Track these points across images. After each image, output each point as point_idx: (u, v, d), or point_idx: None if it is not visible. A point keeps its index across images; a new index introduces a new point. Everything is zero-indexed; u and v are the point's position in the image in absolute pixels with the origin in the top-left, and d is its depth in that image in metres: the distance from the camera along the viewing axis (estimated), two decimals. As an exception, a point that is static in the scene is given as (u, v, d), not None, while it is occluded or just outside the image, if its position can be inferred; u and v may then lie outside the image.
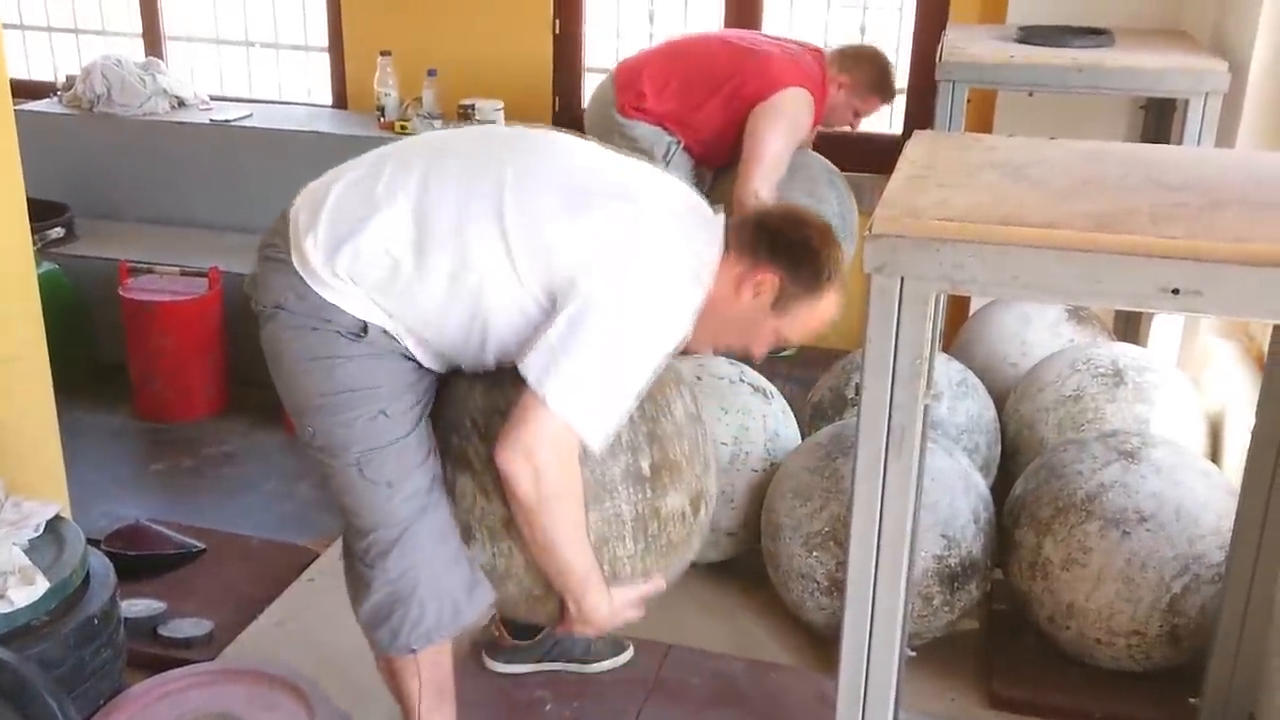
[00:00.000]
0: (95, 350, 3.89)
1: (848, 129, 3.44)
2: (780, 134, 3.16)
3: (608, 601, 1.85)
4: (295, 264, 1.78)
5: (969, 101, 3.24)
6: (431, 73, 4.04)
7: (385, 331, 1.78)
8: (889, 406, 1.43)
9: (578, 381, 1.65)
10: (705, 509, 1.95)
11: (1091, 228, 1.35)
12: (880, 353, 1.41)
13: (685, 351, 1.87)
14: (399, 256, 1.73)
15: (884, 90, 3.32)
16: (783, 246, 1.79)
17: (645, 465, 1.82)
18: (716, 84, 3.24)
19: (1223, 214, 1.42)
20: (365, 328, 1.77)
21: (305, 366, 1.80)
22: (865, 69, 3.28)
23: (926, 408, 1.79)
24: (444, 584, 1.83)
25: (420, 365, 1.85)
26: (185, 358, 3.61)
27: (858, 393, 1.59)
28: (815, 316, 1.84)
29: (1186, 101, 2.91)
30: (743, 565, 2.78)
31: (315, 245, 1.77)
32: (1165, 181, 1.56)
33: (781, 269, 1.78)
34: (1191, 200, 1.47)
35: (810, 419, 2.96)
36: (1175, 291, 1.30)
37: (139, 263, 3.74)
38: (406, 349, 1.81)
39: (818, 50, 3.34)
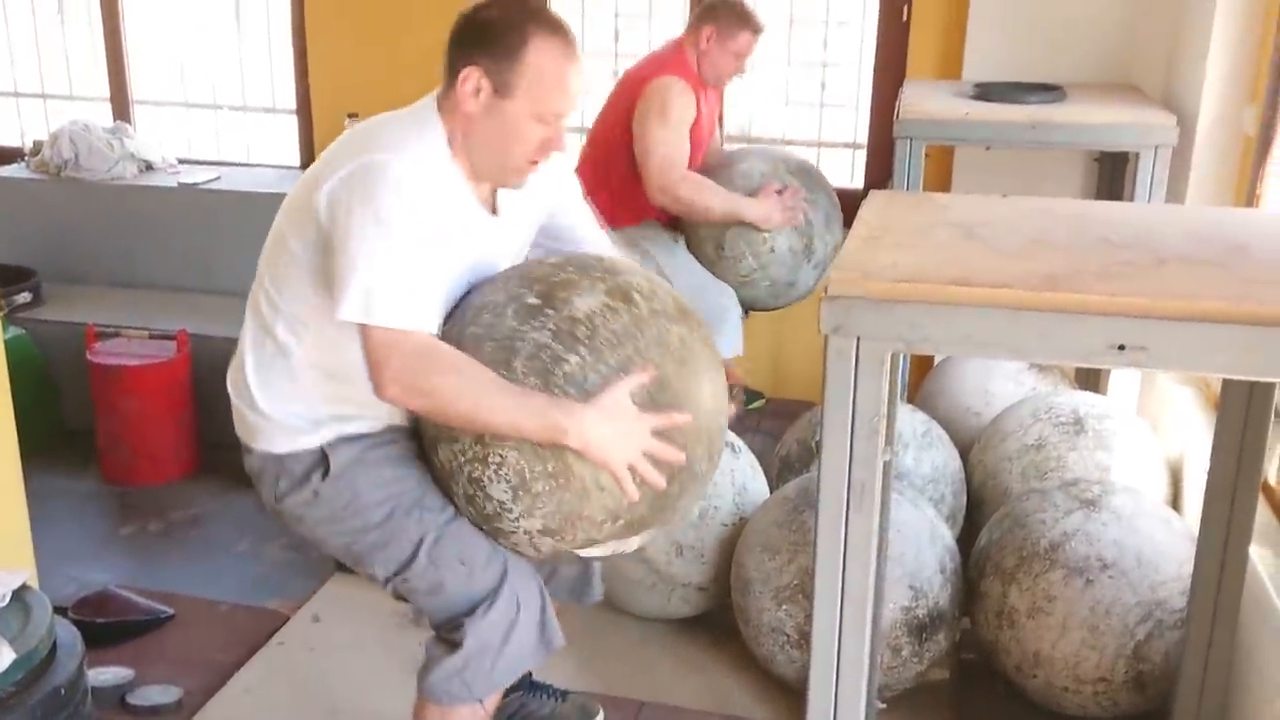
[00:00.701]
0: (63, 415, 3.88)
1: (740, 77, 3.40)
2: (651, 126, 3.15)
3: (594, 415, 1.70)
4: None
5: (928, 156, 3.32)
6: (399, 134, 4.08)
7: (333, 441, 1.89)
8: (849, 463, 1.45)
9: (363, 284, 1.69)
10: (639, 296, 1.81)
11: (1040, 286, 1.39)
12: (839, 411, 1.44)
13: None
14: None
15: (745, 20, 3.27)
16: (466, 42, 1.80)
17: (530, 299, 1.79)
18: (603, 138, 3.31)
19: (1166, 271, 1.47)
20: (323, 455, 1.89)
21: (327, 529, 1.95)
22: (720, 13, 3.27)
23: (887, 463, 1.83)
24: (526, 634, 1.89)
25: (388, 441, 1.91)
26: (153, 421, 3.60)
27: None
28: (545, 75, 1.78)
29: (1138, 154, 2.99)
30: (714, 620, 2.80)
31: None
32: (1111, 239, 1.60)
33: (475, 58, 1.78)
34: (1136, 257, 1.52)
35: (778, 472, 2.99)
36: (1121, 348, 1.34)
37: (106, 326, 3.74)
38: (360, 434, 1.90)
39: (674, 40, 3.36)
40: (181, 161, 4.54)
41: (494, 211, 1.92)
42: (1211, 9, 2.98)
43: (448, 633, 1.90)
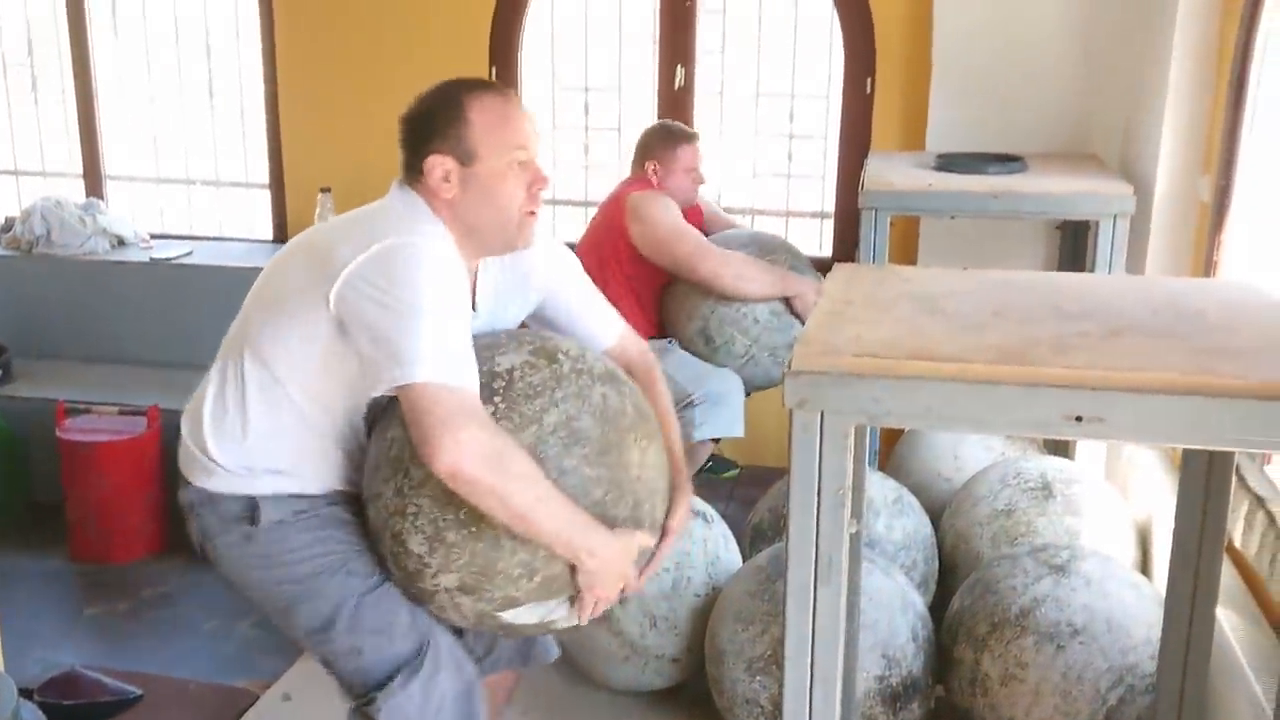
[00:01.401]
0: (31, 491, 3.85)
1: (702, 188, 3.53)
2: (657, 227, 3.27)
3: (619, 552, 1.79)
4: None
5: (893, 226, 3.38)
6: (371, 207, 4.12)
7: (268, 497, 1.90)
8: (815, 536, 1.47)
9: (417, 350, 1.67)
10: (564, 355, 1.86)
11: (998, 359, 1.42)
12: (805, 484, 1.46)
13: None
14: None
15: (675, 138, 3.43)
16: (417, 140, 1.85)
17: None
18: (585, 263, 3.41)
19: (1121, 341, 1.50)
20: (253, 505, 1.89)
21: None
22: (652, 144, 3.43)
23: (855, 534, 1.84)
24: (446, 712, 1.89)
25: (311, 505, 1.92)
26: (123, 497, 3.58)
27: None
28: (495, 124, 1.84)
29: (1097, 223, 3.06)
30: (688, 692, 2.78)
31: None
32: (1068, 310, 1.64)
33: (430, 147, 1.83)
34: (1093, 328, 1.55)
35: (751, 541, 3.00)
36: (1079, 419, 1.36)
37: (77, 403, 3.73)
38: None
39: (630, 177, 3.49)
40: (154, 236, 4.56)
41: (473, 307, 1.94)
42: (1165, 81, 3.06)
43: (364, 705, 1.88)
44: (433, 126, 1.84)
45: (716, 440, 3.44)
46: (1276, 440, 1.36)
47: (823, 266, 2.57)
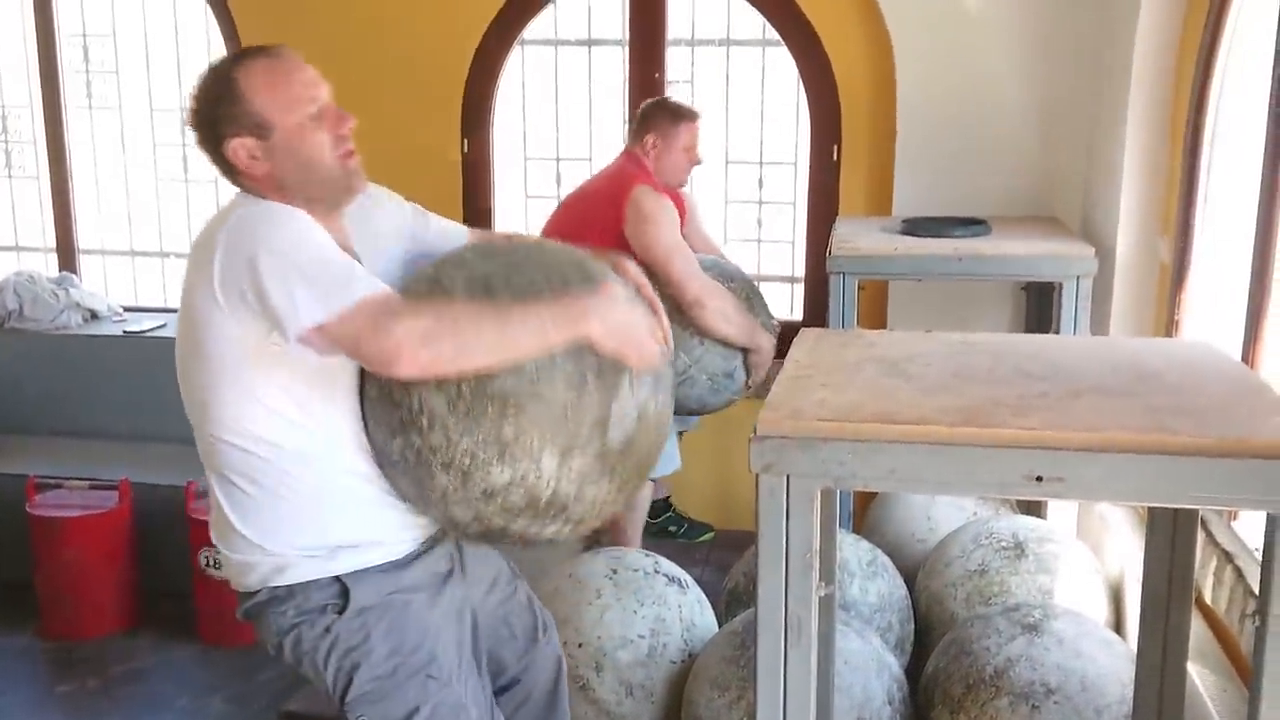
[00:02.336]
0: (1, 568, 3.80)
1: (698, 166, 3.53)
2: (658, 235, 3.23)
3: (606, 301, 1.73)
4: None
5: (863, 289, 3.42)
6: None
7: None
8: (784, 600, 1.48)
9: (302, 295, 1.64)
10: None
11: (959, 421, 1.44)
12: (773, 548, 1.47)
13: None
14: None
15: (680, 115, 3.43)
16: (206, 133, 1.83)
17: None
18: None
19: (1080, 402, 1.53)
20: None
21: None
22: (655, 117, 3.42)
23: (825, 597, 1.86)
24: None
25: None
26: (94, 573, 3.54)
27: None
28: (270, 84, 1.80)
29: (1061, 284, 3.11)
30: (666, 759, 2.76)
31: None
32: (1028, 371, 1.67)
33: (221, 135, 1.81)
34: (1052, 389, 1.58)
35: (727, 606, 2.99)
36: (1039, 479, 1.39)
37: (47, 477, 3.70)
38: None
39: (624, 151, 3.50)
40: (127, 309, 4.56)
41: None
42: (1121, 145, 3.14)
43: None
44: (216, 114, 1.81)
45: (654, 480, 3.46)
46: (1233, 496, 1.39)
47: (793, 330, 2.60)
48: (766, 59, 4.19)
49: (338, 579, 1.85)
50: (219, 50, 4.46)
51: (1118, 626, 2.88)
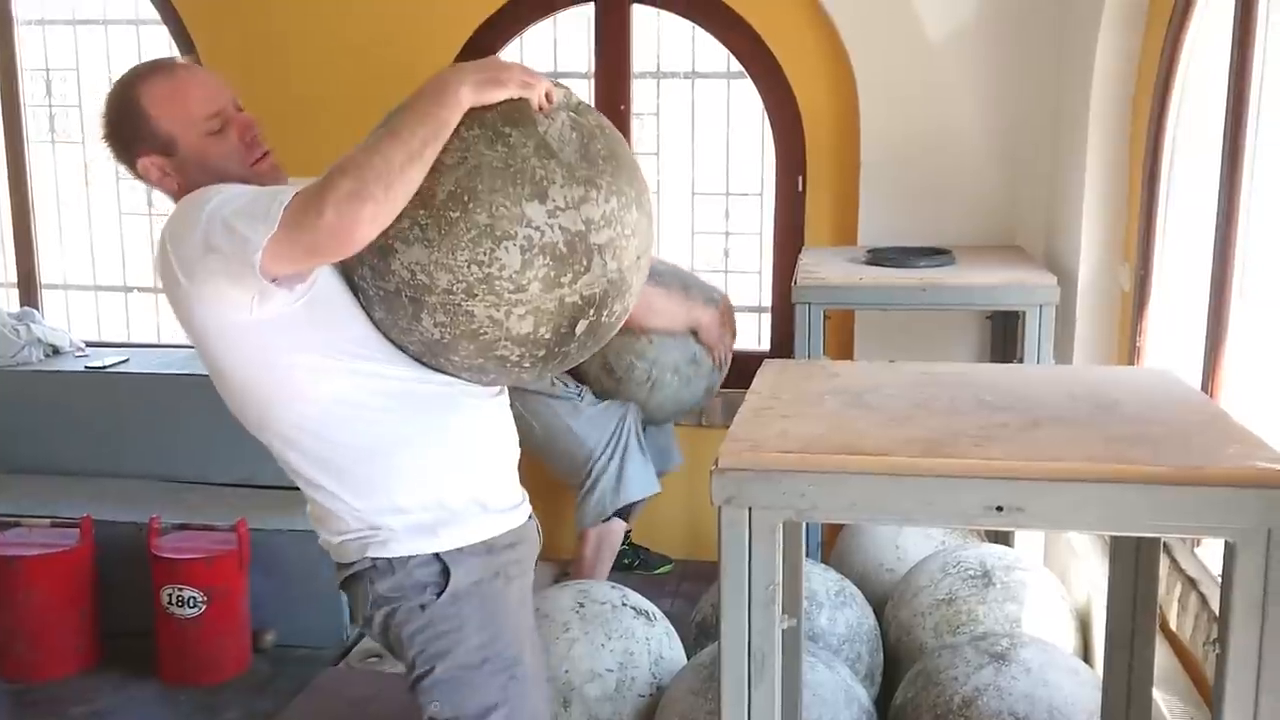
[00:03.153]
0: (-42, 609, 3.74)
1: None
2: None
3: (466, 65, 1.67)
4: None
5: (829, 319, 3.44)
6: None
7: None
8: (748, 633, 1.47)
9: (247, 219, 1.60)
10: None
11: (920, 452, 1.45)
12: (735, 581, 1.47)
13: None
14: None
15: None
16: (120, 153, 1.84)
17: None
18: None
19: (1039, 432, 1.53)
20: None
21: None
22: None
23: (790, 630, 1.85)
24: None
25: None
26: (54, 613, 3.48)
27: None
28: (171, 101, 1.80)
29: (1025, 312, 3.13)
30: (635, 795, 2.73)
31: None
32: (989, 401, 1.68)
33: (132, 154, 1.81)
34: (1012, 419, 1.59)
35: (695, 638, 2.98)
36: (999, 509, 1.39)
37: (7, 515, 3.65)
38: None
39: None
40: (90, 344, 4.51)
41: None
42: (1082, 175, 3.17)
43: None
44: (123, 135, 1.82)
45: (626, 517, 3.44)
46: (1191, 525, 1.39)
47: (760, 360, 2.60)
48: (732, 91, 4.22)
49: (438, 557, 1.83)
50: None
51: (1085, 654, 2.88)
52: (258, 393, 1.80)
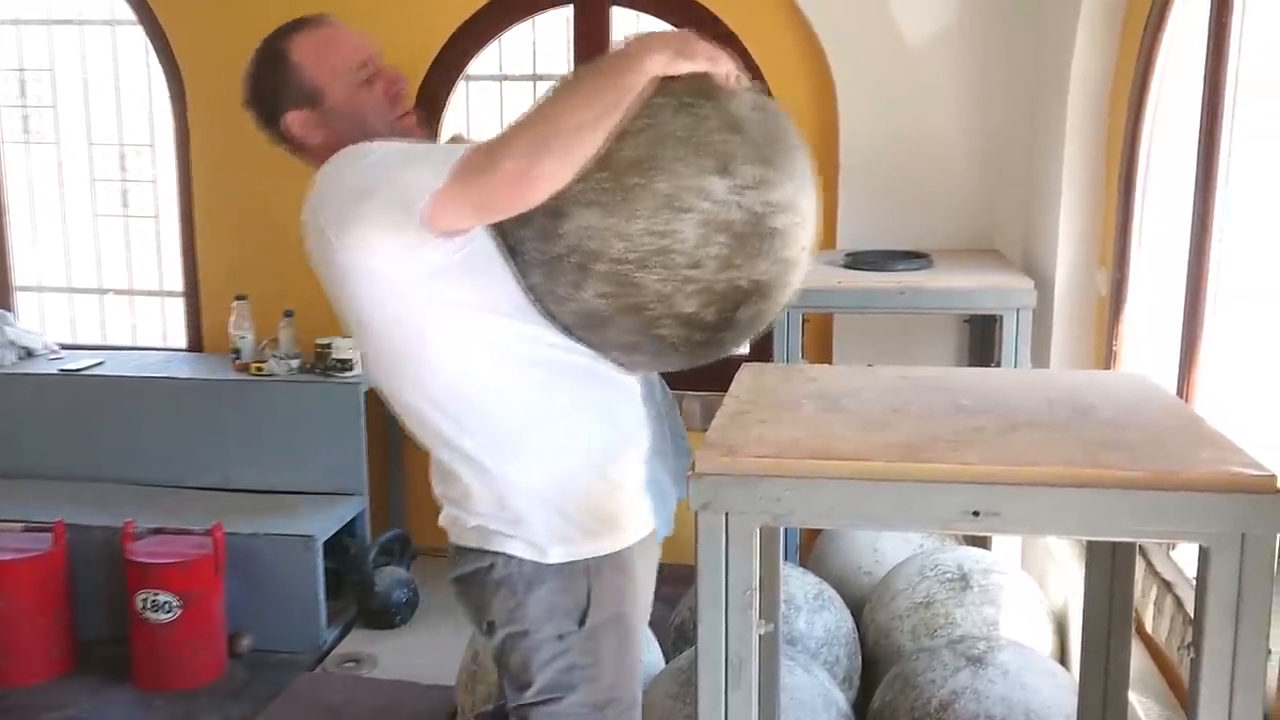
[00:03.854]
0: (-71, 615, 3.70)
1: None
2: None
3: (654, 33, 1.64)
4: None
5: (808, 322, 3.44)
6: (288, 313, 4.10)
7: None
8: (725, 638, 1.47)
9: (414, 169, 1.59)
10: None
11: (898, 457, 1.44)
12: (712, 586, 1.46)
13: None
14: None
15: None
16: (267, 112, 1.84)
17: None
18: None
19: (1016, 436, 1.53)
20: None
21: None
22: None
23: (767, 635, 1.84)
24: None
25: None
26: (26, 618, 3.45)
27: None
28: (319, 53, 1.80)
29: (1002, 316, 3.14)
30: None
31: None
32: (966, 406, 1.68)
33: (280, 110, 1.81)
34: (989, 424, 1.59)
35: (674, 641, 2.97)
36: (976, 514, 1.39)
37: (-21, 520, 3.62)
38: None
39: None
40: (65, 347, 4.48)
41: None
42: (1059, 179, 3.19)
43: None
44: (270, 89, 1.81)
45: None
46: (1166, 529, 1.40)
47: (738, 363, 2.60)
48: (711, 94, 4.21)
49: (576, 571, 1.76)
50: (159, 86, 4.42)
51: (1062, 657, 2.89)
52: (407, 349, 1.73)
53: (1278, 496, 1.34)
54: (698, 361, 1.80)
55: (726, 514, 1.44)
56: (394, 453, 4.34)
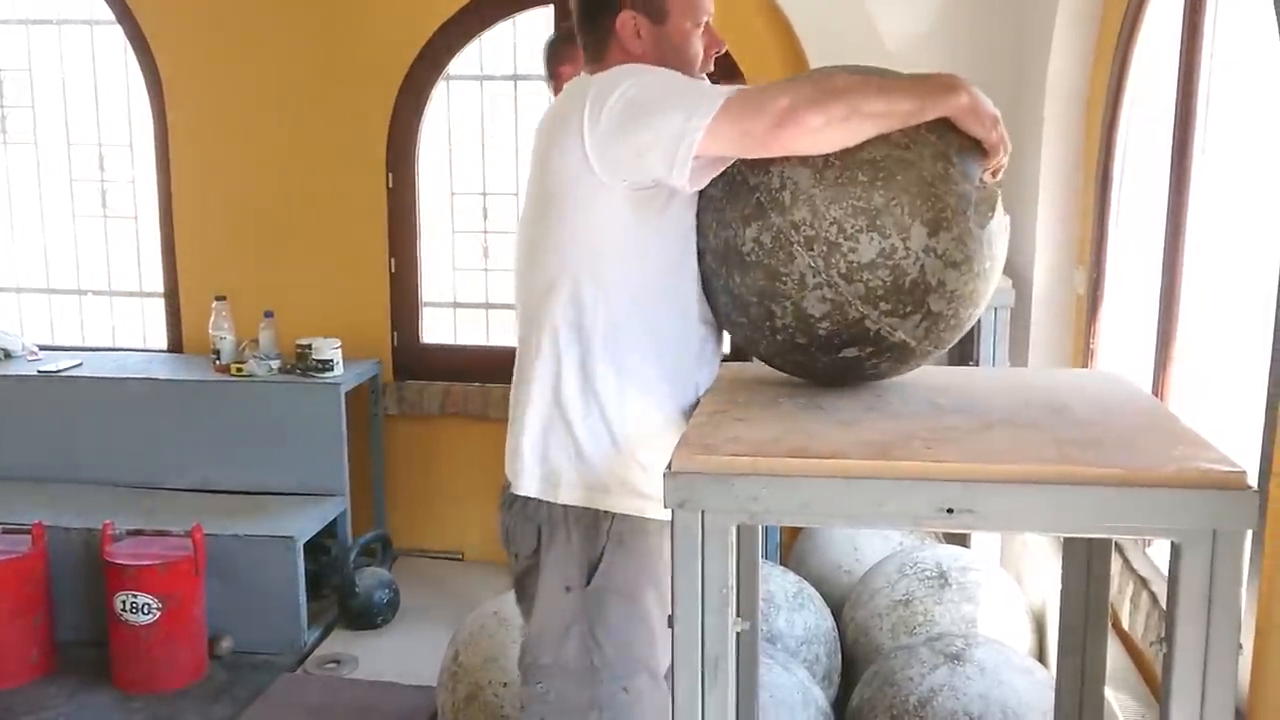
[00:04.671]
0: (-94, 618, 3.68)
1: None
2: None
3: (945, 77, 1.66)
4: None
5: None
6: (268, 314, 4.09)
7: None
8: (701, 636, 1.47)
9: (683, 102, 1.64)
10: None
11: (872, 455, 1.45)
12: (689, 584, 1.46)
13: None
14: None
15: None
16: (600, 6, 1.86)
17: None
18: None
19: (991, 434, 1.54)
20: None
21: None
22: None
23: (744, 633, 1.85)
24: None
25: None
26: (4, 621, 3.43)
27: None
28: None
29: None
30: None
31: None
32: (942, 404, 1.69)
33: (624, 5, 1.84)
34: (964, 422, 1.60)
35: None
36: (950, 511, 1.40)
37: (-43, 522, 3.59)
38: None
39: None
40: (43, 348, 4.46)
41: None
42: (1036, 180, 3.20)
43: None
44: None
45: None
46: (1139, 526, 1.41)
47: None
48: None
49: (605, 537, 1.82)
50: (137, 86, 4.40)
51: (1040, 654, 2.91)
52: (599, 244, 1.77)
53: (1248, 492, 1.35)
54: (761, 357, 1.83)
55: (703, 512, 1.45)
56: (375, 453, 4.34)
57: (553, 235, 1.80)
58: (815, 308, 1.65)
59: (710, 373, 1.89)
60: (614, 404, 1.80)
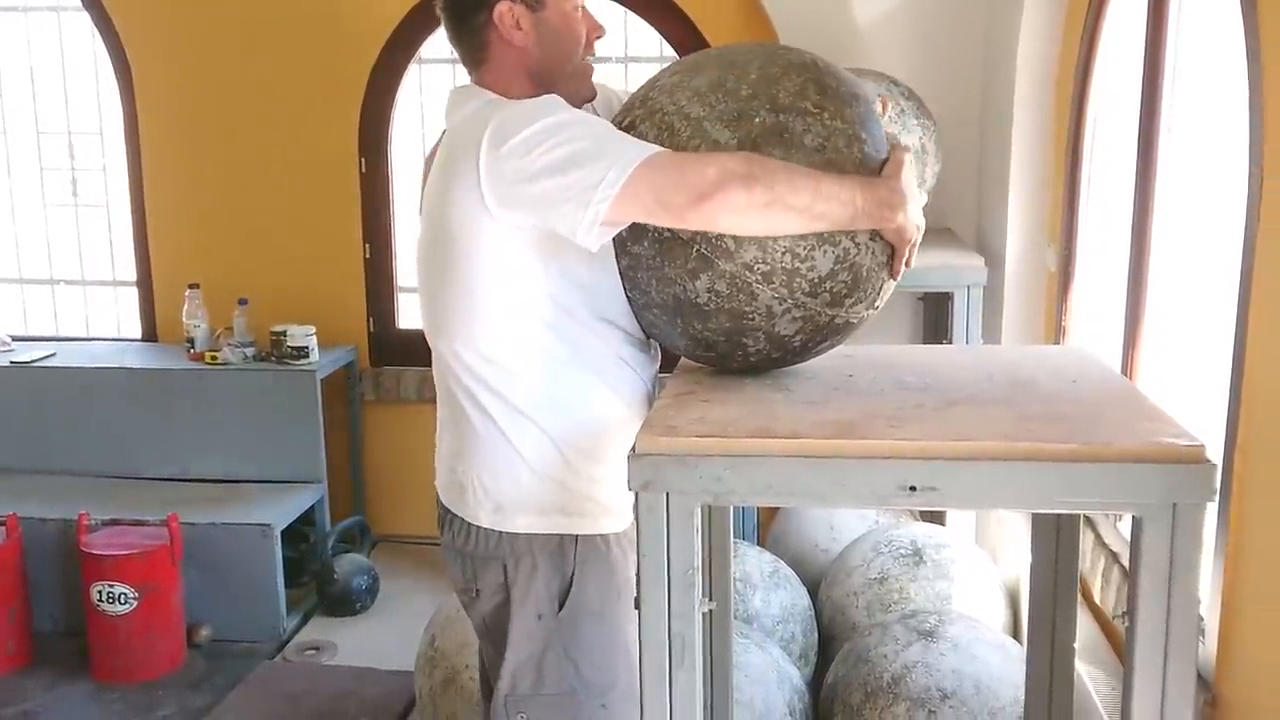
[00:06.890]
0: (-119, 611, 3.66)
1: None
2: None
3: (914, 197, 1.62)
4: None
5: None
6: (242, 301, 4.07)
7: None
8: (668, 617, 1.48)
9: (605, 155, 1.56)
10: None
11: (835, 434, 1.45)
12: (654, 565, 1.47)
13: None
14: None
15: None
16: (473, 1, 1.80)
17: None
18: None
19: (954, 413, 1.55)
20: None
21: None
22: None
23: (709, 614, 1.86)
24: None
25: None
26: (-19, 612, 3.43)
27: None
28: None
29: (954, 293, 3.16)
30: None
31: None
32: (907, 383, 1.69)
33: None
34: (929, 400, 1.60)
35: (632, 622, 2.99)
36: (913, 489, 1.40)
37: (-70, 514, 3.57)
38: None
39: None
40: (15, 338, 4.42)
41: None
42: (1008, 159, 3.21)
43: None
44: None
45: None
46: (1100, 501, 1.41)
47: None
48: (664, 76, 4.21)
49: (563, 551, 1.79)
50: (106, 75, 4.37)
51: (1015, 629, 2.93)
52: (473, 286, 1.73)
53: (1207, 466, 1.36)
54: (733, 372, 1.80)
55: (667, 494, 1.45)
56: (353, 440, 4.33)
57: (451, 270, 1.75)
58: (787, 328, 1.66)
59: (649, 363, 1.87)
60: (549, 419, 1.77)
